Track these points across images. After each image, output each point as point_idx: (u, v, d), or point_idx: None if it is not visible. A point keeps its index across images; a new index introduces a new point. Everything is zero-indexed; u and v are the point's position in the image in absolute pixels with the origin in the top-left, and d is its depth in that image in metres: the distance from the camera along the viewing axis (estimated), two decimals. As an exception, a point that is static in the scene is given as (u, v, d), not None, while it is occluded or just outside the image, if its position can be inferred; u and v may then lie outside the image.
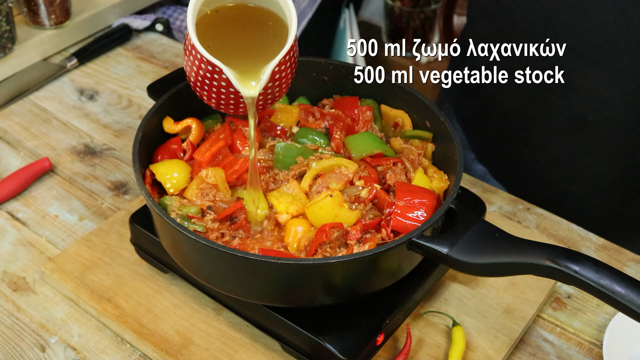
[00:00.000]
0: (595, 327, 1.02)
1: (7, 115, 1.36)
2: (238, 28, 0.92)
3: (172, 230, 0.85)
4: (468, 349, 0.96)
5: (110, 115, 1.37)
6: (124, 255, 1.06)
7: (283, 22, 0.90)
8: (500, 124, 1.29)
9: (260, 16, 0.92)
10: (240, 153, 0.99)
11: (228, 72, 0.84)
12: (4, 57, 1.43)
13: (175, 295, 1.01)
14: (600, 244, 1.13)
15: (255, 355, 0.94)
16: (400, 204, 0.89)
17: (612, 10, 1.03)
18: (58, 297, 1.03)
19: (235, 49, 0.90)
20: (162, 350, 0.94)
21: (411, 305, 0.96)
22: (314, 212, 0.90)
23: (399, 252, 0.85)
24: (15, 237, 1.12)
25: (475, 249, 0.82)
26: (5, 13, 1.39)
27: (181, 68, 1.11)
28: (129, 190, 1.21)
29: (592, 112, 1.13)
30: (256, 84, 0.87)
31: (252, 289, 0.88)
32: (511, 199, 1.20)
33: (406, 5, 2.69)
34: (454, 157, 0.93)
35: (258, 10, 0.92)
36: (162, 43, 1.58)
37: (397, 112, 1.05)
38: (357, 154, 0.97)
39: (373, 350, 0.90)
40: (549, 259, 0.77)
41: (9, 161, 1.26)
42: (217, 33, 0.89)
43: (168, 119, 1.01)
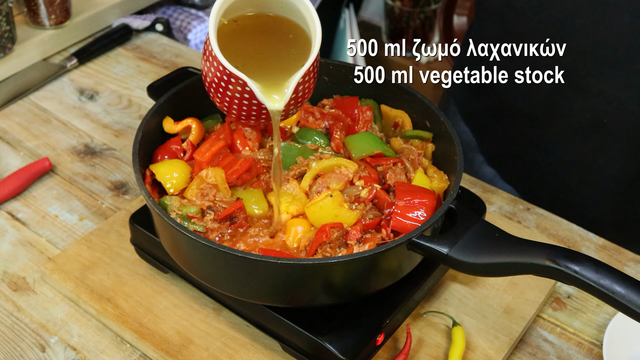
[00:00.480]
0: (595, 327, 1.02)
1: (7, 115, 1.36)
2: (257, 39, 0.90)
3: (172, 230, 0.85)
4: (468, 349, 0.96)
5: (110, 115, 1.37)
6: (124, 255, 1.06)
7: (303, 32, 0.89)
8: (511, 125, 1.28)
9: (280, 26, 0.90)
10: (240, 153, 0.99)
11: (253, 85, 0.83)
12: (4, 57, 1.43)
13: (175, 295, 1.01)
14: (600, 244, 1.13)
15: (255, 355, 0.94)
16: (400, 204, 0.89)
17: (628, 12, 1.02)
18: (58, 297, 1.03)
19: (256, 60, 0.88)
20: (162, 350, 0.94)
21: (411, 305, 0.96)
22: (314, 212, 0.90)
23: (399, 252, 0.85)
24: (15, 237, 1.12)
25: (475, 249, 0.82)
26: (5, 13, 1.39)
27: (181, 68, 1.12)
28: (129, 190, 1.21)
29: (606, 114, 1.13)
30: (280, 97, 0.85)
31: (252, 289, 0.88)
32: (511, 199, 1.20)
33: (406, 5, 2.69)
34: (454, 157, 0.93)
35: (278, 19, 0.90)
36: (162, 43, 1.58)
37: (397, 112, 1.05)
38: (357, 154, 0.97)
39: (373, 350, 0.90)
40: (549, 259, 0.77)
41: (9, 161, 1.26)
42: (236, 44, 0.87)
43: (168, 119, 1.01)
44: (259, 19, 0.91)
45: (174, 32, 1.82)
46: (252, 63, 0.87)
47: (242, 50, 0.88)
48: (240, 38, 0.89)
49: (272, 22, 0.91)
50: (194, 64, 1.50)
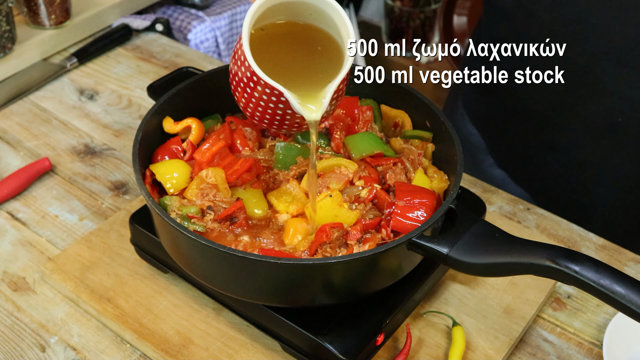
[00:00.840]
0: (595, 327, 1.02)
1: (7, 115, 1.36)
2: (286, 47, 0.91)
3: (172, 230, 0.85)
4: (468, 349, 0.96)
5: (110, 115, 1.37)
6: (124, 255, 1.06)
7: (333, 41, 0.89)
8: (522, 126, 1.28)
9: (310, 35, 0.90)
10: (240, 153, 0.99)
11: (290, 96, 0.84)
12: (4, 57, 1.43)
13: (175, 295, 1.01)
14: (600, 244, 1.13)
15: (255, 355, 0.94)
16: (400, 204, 0.89)
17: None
18: (58, 297, 1.03)
19: (284, 68, 0.88)
20: (162, 350, 0.94)
21: (411, 305, 0.96)
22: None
23: (399, 252, 0.85)
24: (15, 237, 1.12)
25: (475, 249, 0.82)
26: (5, 13, 1.39)
27: (181, 68, 1.12)
28: (129, 190, 1.21)
29: (621, 113, 1.13)
30: (316, 107, 0.86)
31: (252, 289, 0.88)
32: (511, 199, 1.20)
33: (406, 5, 2.69)
34: (454, 157, 0.93)
35: (307, 28, 0.90)
36: (162, 43, 1.58)
37: (397, 112, 1.05)
38: (357, 154, 0.97)
39: (373, 350, 0.90)
40: (549, 259, 0.77)
41: (9, 161, 1.26)
42: (264, 52, 0.87)
43: (168, 119, 1.01)
44: (287, 27, 0.91)
45: (174, 32, 1.82)
46: (281, 72, 0.87)
47: (271, 58, 0.88)
48: (269, 46, 0.89)
49: (300, 31, 0.91)
50: (194, 64, 1.50)
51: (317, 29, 0.91)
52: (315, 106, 0.87)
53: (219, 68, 1.05)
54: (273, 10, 0.87)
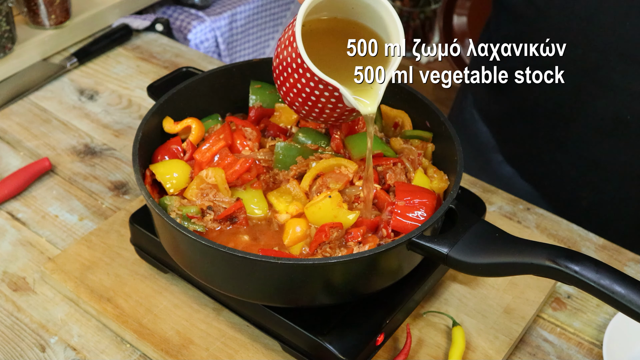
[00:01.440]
0: (595, 327, 1.02)
1: (7, 115, 1.36)
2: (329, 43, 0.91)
3: (172, 230, 0.85)
4: (468, 349, 0.96)
5: (110, 115, 1.37)
6: (124, 255, 1.06)
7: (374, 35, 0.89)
8: (533, 124, 1.28)
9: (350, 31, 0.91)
10: (240, 153, 0.99)
11: (345, 92, 0.84)
12: (4, 57, 1.43)
13: (175, 295, 1.01)
14: (600, 244, 1.13)
15: (255, 355, 0.94)
16: (400, 204, 0.89)
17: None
18: (58, 297, 1.03)
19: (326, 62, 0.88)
20: (162, 350, 0.94)
21: (411, 305, 0.96)
22: (313, 213, 0.90)
23: (399, 252, 0.85)
24: (15, 237, 1.12)
25: (475, 249, 0.82)
26: (5, 13, 1.39)
27: (181, 68, 1.12)
28: (129, 190, 1.21)
29: (630, 111, 1.13)
30: (371, 100, 0.87)
31: (252, 289, 0.88)
32: (511, 199, 1.20)
33: (406, 5, 2.69)
34: (454, 157, 0.93)
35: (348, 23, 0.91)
36: (162, 43, 1.58)
37: (397, 112, 1.05)
38: (357, 154, 0.97)
39: (373, 350, 0.90)
40: (549, 259, 0.77)
41: (9, 161, 1.26)
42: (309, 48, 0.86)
43: (168, 119, 1.01)
44: (327, 22, 0.91)
45: (174, 32, 1.82)
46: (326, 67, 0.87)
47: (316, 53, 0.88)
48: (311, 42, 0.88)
49: (341, 26, 0.91)
50: (194, 64, 1.50)
51: (357, 24, 0.91)
52: (370, 100, 0.87)
53: (219, 68, 1.05)
54: (318, 6, 0.88)
